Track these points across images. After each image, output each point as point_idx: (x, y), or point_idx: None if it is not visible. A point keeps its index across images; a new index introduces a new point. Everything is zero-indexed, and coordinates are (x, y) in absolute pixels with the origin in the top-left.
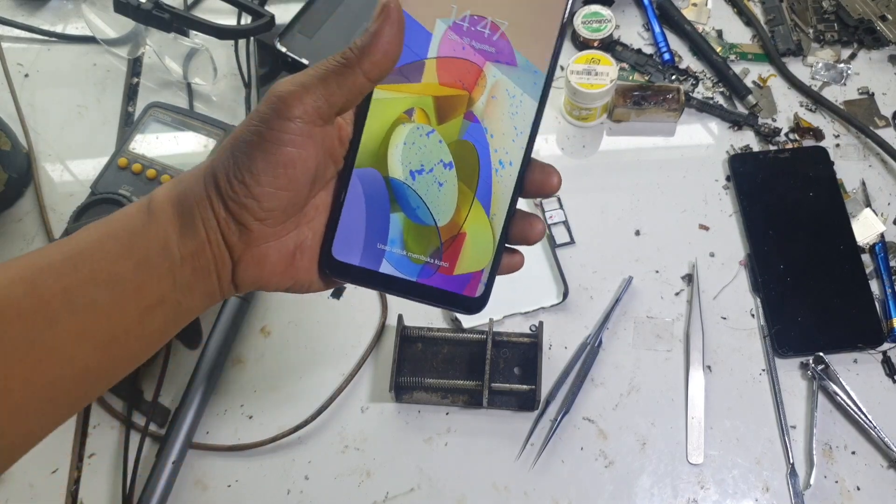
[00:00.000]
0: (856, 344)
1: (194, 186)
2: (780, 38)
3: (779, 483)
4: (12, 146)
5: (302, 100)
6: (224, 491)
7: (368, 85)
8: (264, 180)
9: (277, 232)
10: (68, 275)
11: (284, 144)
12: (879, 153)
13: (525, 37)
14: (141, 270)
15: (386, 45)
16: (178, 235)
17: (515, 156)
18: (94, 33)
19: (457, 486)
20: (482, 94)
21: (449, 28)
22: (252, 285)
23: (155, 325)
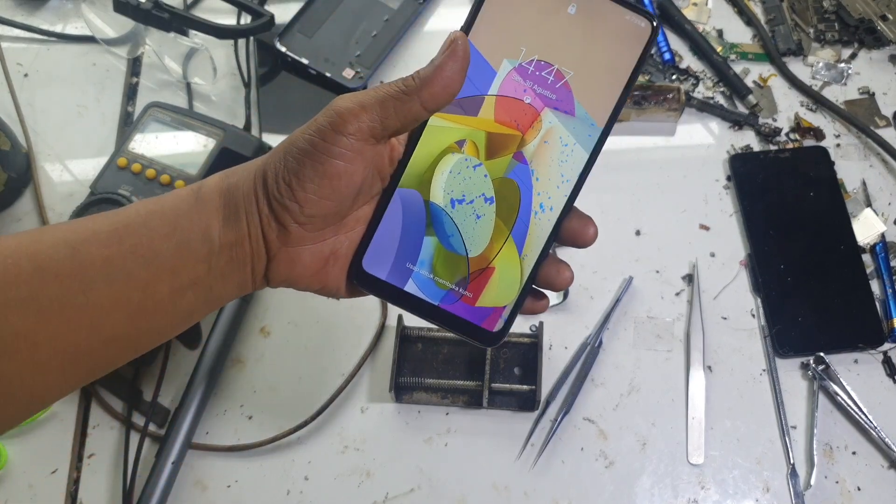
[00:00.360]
0: (856, 344)
1: (245, 181)
2: (780, 38)
3: (779, 483)
4: (12, 146)
5: (358, 118)
6: (224, 491)
7: (425, 114)
8: (309, 187)
9: (315, 237)
10: (112, 245)
11: (334, 157)
12: (880, 153)
13: (588, 89)
14: (180, 251)
15: (447, 79)
16: (220, 224)
17: (557, 202)
18: (94, 33)
19: (457, 487)
20: (535, 137)
21: (514, 69)
22: (283, 282)
23: (184, 304)
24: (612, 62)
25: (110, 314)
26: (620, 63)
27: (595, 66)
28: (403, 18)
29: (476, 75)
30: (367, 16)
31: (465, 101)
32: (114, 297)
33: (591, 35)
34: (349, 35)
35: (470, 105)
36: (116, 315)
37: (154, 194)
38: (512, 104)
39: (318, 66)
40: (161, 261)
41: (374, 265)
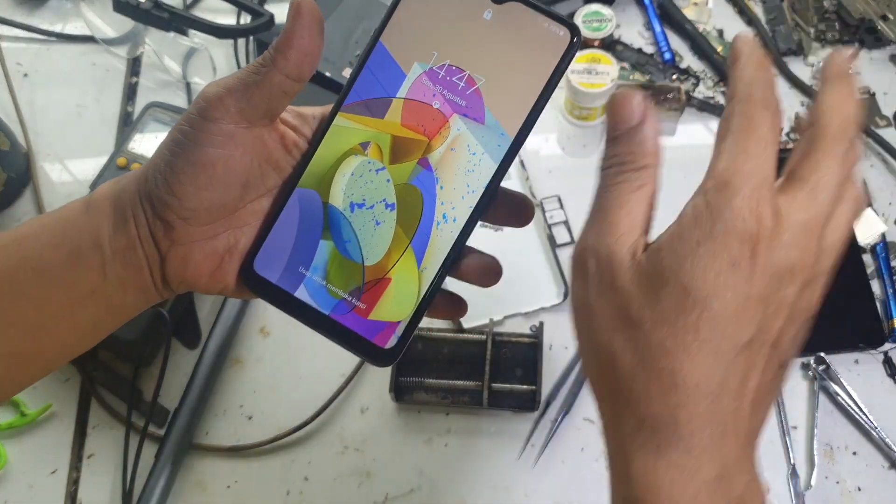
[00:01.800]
0: (857, 344)
1: (130, 185)
2: (781, 38)
3: (780, 484)
4: (11, 146)
5: (223, 101)
6: (223, 491)
7: (290, 83)
8: (184, 178)
9: (204, 232)
10: (0, 261)
11: (205, 145)
12: (881, 153)
13: (500, 98)
14: (70, 261)
15: (300, 42)
16: (110, 230)
17: (461, 213)
18: (94, 33)
19: (457, 487)
20: (442, 143)
21: (424, 73)
22: (181, 284)
23: (85, 316)
24: (527, 71)
25: (5, 331)
26: (536, 72)
27: (508, 73)
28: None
29: (386, 77)
30: (367, 15)
31: (371, 102)
32: (4, 313)
33: (505, 42)
34: (349, 35)
35: (377, 107)
36: (12, 331)
37: None
38: (420, 108)
39: (318, 66)
40: (52, 273)
41: (266, 267)
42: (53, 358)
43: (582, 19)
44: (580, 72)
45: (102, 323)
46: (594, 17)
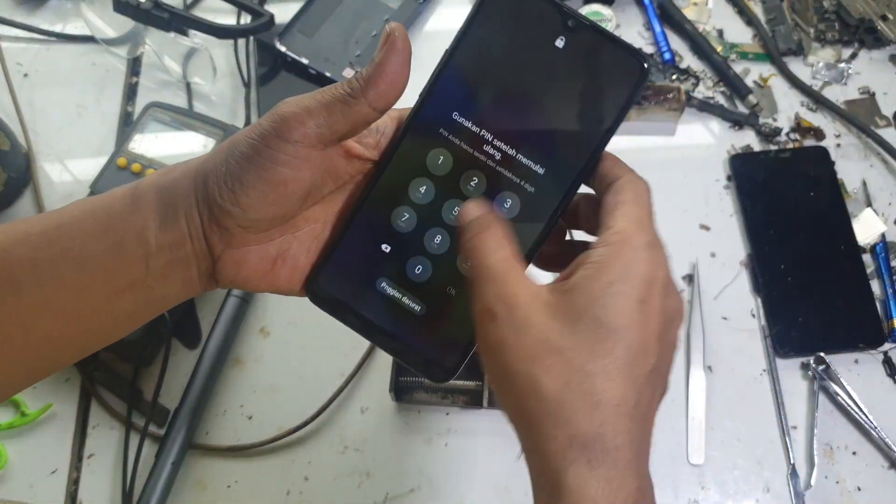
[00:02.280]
0: (857, 344)
1: (182, 181)
2: (780, 38)
3: (780, 483)
4: (11, 146)
5: (304, 123)
6: (223, 491)
7: (374, 114)
8: (252, 194)
9: (260, 238)
10: (41, 248)
11: (279, 164)
12: (880, 153)
13: (570, 127)
14: (113, 253)
15: (392, 75)
16: (157, 224)
17: (525, 238)
18: (94, 33)
19: (457, 487)
20: (509, 170)
21: (495, 97)
22: (231, 283)
23: (124, 306)
24: (598, 101)
25: (41, 316)
26: (607, 102)
27: (580, 103)
28: (403, 18)
29: (456, 99)
30: (367, 15)
31: (442, 124)
32: (44, 300)
33: (578, 70)
34: (349, 35)
35: (447, 129)
36: (48, 317)
37: None
38: (490, 133)
39: (318, 66)
40: (94, 263)
41: (331, 282)
42: (88, 345)
43: None
44: None
45: (141, 312)
46: (594, 17)
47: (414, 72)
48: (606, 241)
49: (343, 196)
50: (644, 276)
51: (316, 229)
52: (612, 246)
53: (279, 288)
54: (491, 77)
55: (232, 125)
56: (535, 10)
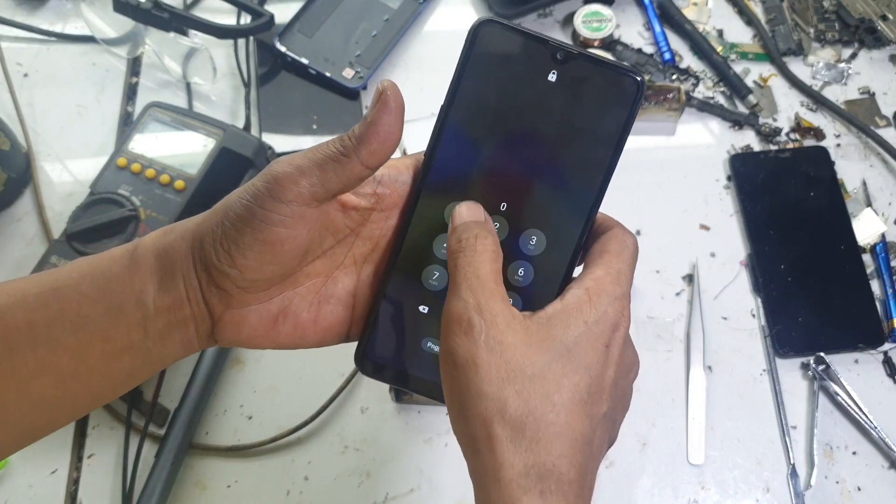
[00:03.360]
0: (856, 344)
1: (180, 244)
2: (780, 38)
3: (779, 483)
4: (11, 146)
5: (297, 183)
6: (223, 491)
7: (366, 172)
8: (249, 255)
9: (260, 297)
10: (37, 310)
11: (274, 224)
12: (880, 153)
13: (577, 156)
14: (111, 316)
15: (384, 134)
16: (155, 287)
17: (554, 274)
18: (94, 33)
19: (457, 487)
20: (527, 211)
21: (498, 143)
22: (231, 343)
23: (121, 368)
24: (600, 126)
25: (37, 378)
26: (608, 126)
27: (582, 132)
28: (403, 18)
29: (461, 152)
30: (367, 16)
31: (453, 178)
32: (39, 362)
33: (575, 100)
34: (349, 35)
35: (459, 182)
36: (45, 380)
37: (154, 194)
38: (499, 178)
39: (318, 66)
40: (91, 326)
41: (380, 355)
42: (84, 406)
43: (582, 19)
44: None
45: (138, 373)
46: (594, 17)
47: (415, 72)
48: (582, 284)
49: (345, 249)
50: (613, 324)
51: (317, 284)
52: (588, 290)
53: (282, 344)
54: (492, 123)
55: (232, 125)
56: (522, 49)
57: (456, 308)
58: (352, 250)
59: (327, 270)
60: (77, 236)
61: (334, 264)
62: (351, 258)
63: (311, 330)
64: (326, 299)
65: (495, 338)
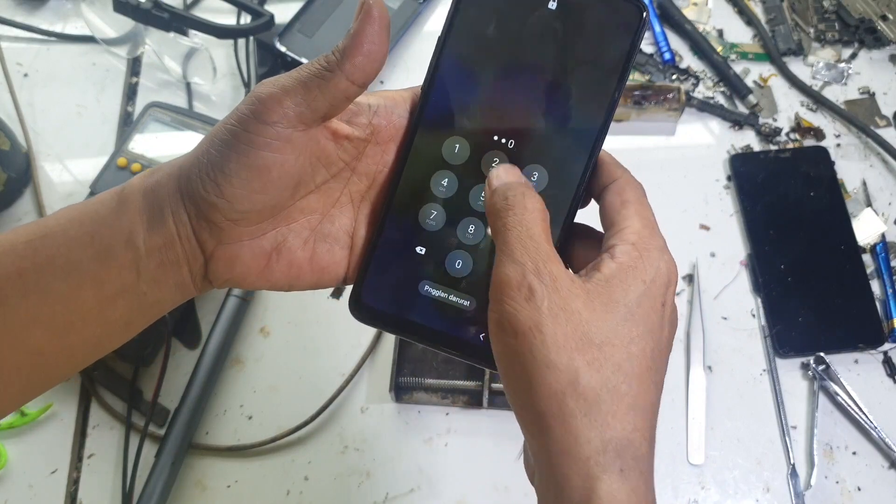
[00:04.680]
0: (856, 344)
1: (167, 181)
2: (780, 38)
3: (779, 483)
4: (11, 146)
5: (282, 103)
6: (223, 491)
7: (354, 88)
8: (236, 182)
9: (252, 232)
10: (26, 257)
11: (260, 148)
12: (880, 153)
13: (579, 87)
14: (101, 260)
15: (368, 45)
16: (145, 228)
17: (561, 209)
18: (94, 33)
19: (457, 487)
20: (529, 145)
21: (498, 74)
22: (226, 282)
23: (117, 314)
24: (603, 55)
25: (30, 328)
26: (612, 56)
27: (585, 62)
28: (403, 18)
29: (461, 85)
30: None
31: (451, 112)
32: (31, 311)
33: (576, 29)
34: None
35: (458, 116)
36: (38, 330)
37: None
38: (501, 112)
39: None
40: (82, 270)
41: (374, 297)
42: (83, 356)
43: None
44: None
45: (135, 320)
46: None
47: (415, 71)
48: (627, 239)
49: (340, 185)
50: (666, 280)
51: (312, 221)
52: (635, 245)
53: (276, 283)
54: (490, 53)
55: None
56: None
57: (512, 272)
58: (348, 187)
59: (323, 207)
60: None
61: (330, 201)
62: (347, 195)
63: (306, 269)
64: (323, 238)
65: (559, 304)
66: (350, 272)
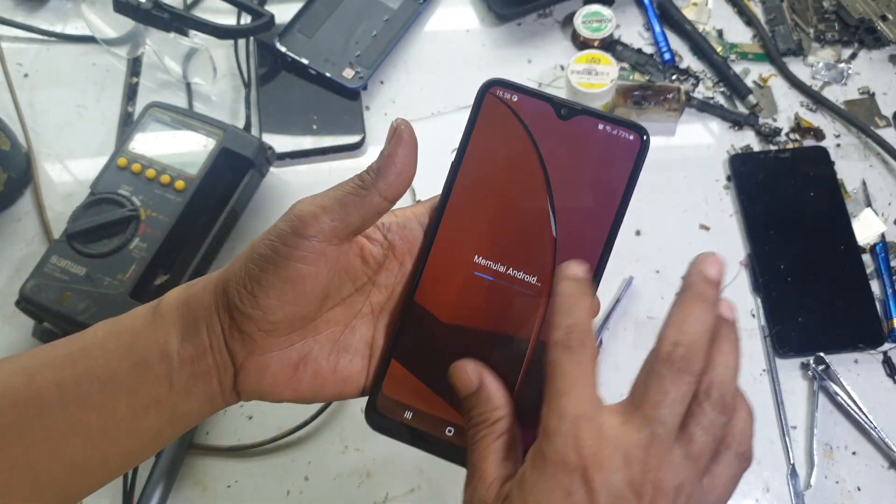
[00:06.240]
0: (856, 344)
1: (203, 293)
2: (780, 38)
3: (779, 483)
4: (12, 146)
5: (319, 219)
6: (224, 491)
7: (385, 205)
8: (272, 293)
9: (281, 342)
10: (65, 369)
11: (297, 261)
12: (880, 153)
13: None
14: (137, 371)
15: (401, 166)
16: (179, 339)
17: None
18: (94, 33)
19: (457, 487)
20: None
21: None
22: (253, 393)
23: (149, 423)
24: (606, 178)
25: (68, 438)
26: (614, 178)
27: (589, 184)
28: (403, 19)
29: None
30: (367, 16)
31: (466, 232)
32: (70, 421)
33: (580, 154)
34: (349, 35)
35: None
36: (75, 439)
37: (154, 194)
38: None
39: (319, 67)
40: (118, 381)
41: (390, 407)
42: (116, 466)
43: (582, 20)
44: (580, 72)
45: (164, 431)
46: (594, 17)
47: (414, 72)
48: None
49: (363, 298)
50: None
51: (336, 333)
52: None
53: (302, 394)
54: (500, 178)
55: (232, 125)
56: (528, 107)
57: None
58: (369, 299)
59: (346, 319)
60: (77, 236)
61: (352, 313)
62: (368, 307)
63: (330, 379)
64: (345, 348)
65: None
66: (369, 381)
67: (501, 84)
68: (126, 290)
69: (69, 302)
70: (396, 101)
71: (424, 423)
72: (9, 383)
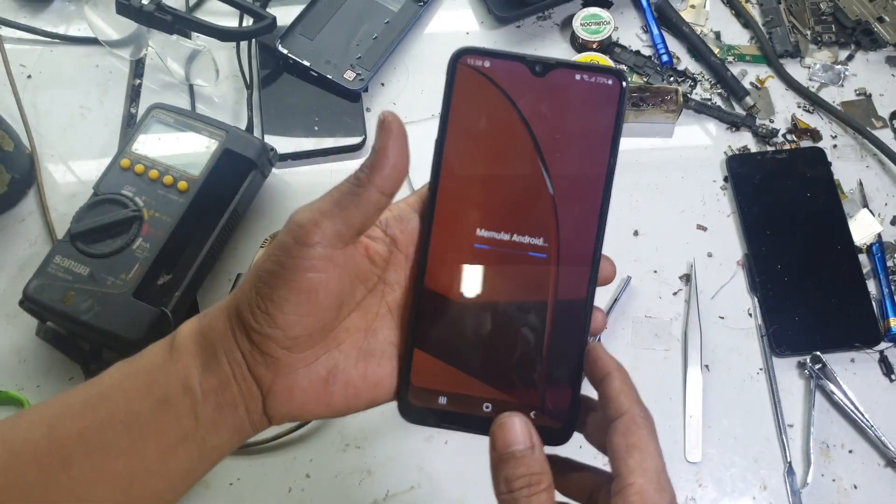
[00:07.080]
0: (853, 343)
1: (216, 321)
2: (777, 40)
3: (776, 481)
4: (15, 147)
5: (319, 225)
6: (226, 489)
7: (385, 199)
8: (287, 308)
9: (306, 358)
10: (86, 416)
11: (305, 270)
12: (877, 154)
13: (572, 160)
14: (160, 409)
15: (394, 158)
16: (200, 371)
17: (580, 285)
18: (97, 35)
19: (457, 485)
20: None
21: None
22: (285, 416)
23: (179, 463)
24: (592, 127)
25: (95, 487)
26: (600, 127)
27: (575, 136)
28: (404, 21)
29: (463, 181)
30: (368, 18)
31: (458, 209)
32: (96, 471)
33: (562, 107)
34: (350, 37)
35: (466, 208)
36: (102, 488)
37: (157, 195)
38: (511, 201)
39: (320, 68)
40: (141, 423)
41: (421, 396)
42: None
43: (580, 22)
44: None
45: (194, 468)
46: (592, 19)
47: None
48: (628, 500)
49: (377, 299)
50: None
51: (358, 339)
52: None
53: (336, 407)
54: (486, 147)
55: (234, 127)
56: (502, 70)
57: None
58: (384, 299)
59: (365, 324)
60: (81, 237)
61: (371, 316)
62: (385, 307)
63: (362, 387)
64: (371, 353)
65: None
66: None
67: (471, 52)
68: (129, 289)
69: (72, 302)
70: (397, 102)
71: (460, 404)
72: (29, 437)
